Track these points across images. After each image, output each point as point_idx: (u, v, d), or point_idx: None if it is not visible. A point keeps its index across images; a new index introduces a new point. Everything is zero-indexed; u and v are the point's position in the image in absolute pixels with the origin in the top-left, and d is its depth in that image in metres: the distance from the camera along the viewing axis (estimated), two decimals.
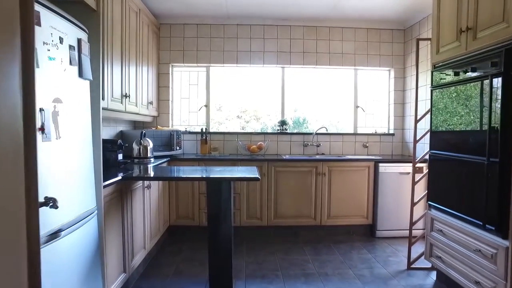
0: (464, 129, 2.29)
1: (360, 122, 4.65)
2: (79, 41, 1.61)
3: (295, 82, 4.64)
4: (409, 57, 4.37)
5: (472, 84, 2.19)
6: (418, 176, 3.02)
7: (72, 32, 1.57)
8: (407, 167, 3.84)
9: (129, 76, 3.22)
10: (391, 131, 4.59)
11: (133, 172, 2.70)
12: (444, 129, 2.53)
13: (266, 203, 3.87)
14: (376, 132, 4.60)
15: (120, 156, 2.94)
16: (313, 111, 4.83)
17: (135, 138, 3.55)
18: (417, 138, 2.96)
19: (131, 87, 3.31)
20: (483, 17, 2.09)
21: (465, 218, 2.27)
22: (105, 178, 2.19)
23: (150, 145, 3.51)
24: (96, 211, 1.75)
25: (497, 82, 1.95)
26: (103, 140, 2.98)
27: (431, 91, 2.67)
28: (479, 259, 2.11)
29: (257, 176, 2.27)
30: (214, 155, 4.17)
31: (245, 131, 4.58)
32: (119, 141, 2.93)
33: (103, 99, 2.62)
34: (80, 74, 1.62)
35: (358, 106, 4.62)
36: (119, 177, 2.27)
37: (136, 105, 3.49)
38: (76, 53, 1.58)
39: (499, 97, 1.93)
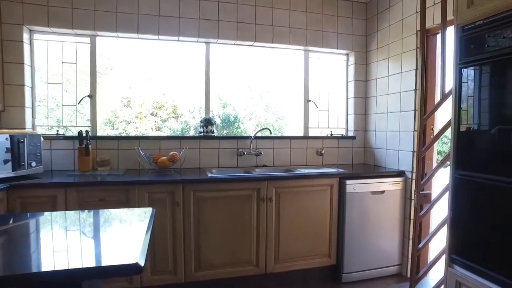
0: None
1: (312, 122, 3.51)
2: None
3: (225, 65, 3.30)
4: (374, 38, 3.35)
5: None
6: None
7: None
8: (382, 184, 2.80)
9: None
10: (351, 133, 3.53)
11: None
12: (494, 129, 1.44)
13: (182, 248, 2.47)
14: (332, 134, 3.51)
15: None
16: (248, 106, 3.57)
17: None
18: (423, 146, 1.86)
19: None
20: None
21: None
22: None
23: None
24: None
25: None
26: None
27: (460, 69, 1.57)
28: None
29: (140, 266, 0.89)
30: (100, 174, 2.62)
31: (151, 135, 3.11)
32: None
33: None
34: None
35: (310, 100, 3.47)
36: None
37: None
38: None
39: None
